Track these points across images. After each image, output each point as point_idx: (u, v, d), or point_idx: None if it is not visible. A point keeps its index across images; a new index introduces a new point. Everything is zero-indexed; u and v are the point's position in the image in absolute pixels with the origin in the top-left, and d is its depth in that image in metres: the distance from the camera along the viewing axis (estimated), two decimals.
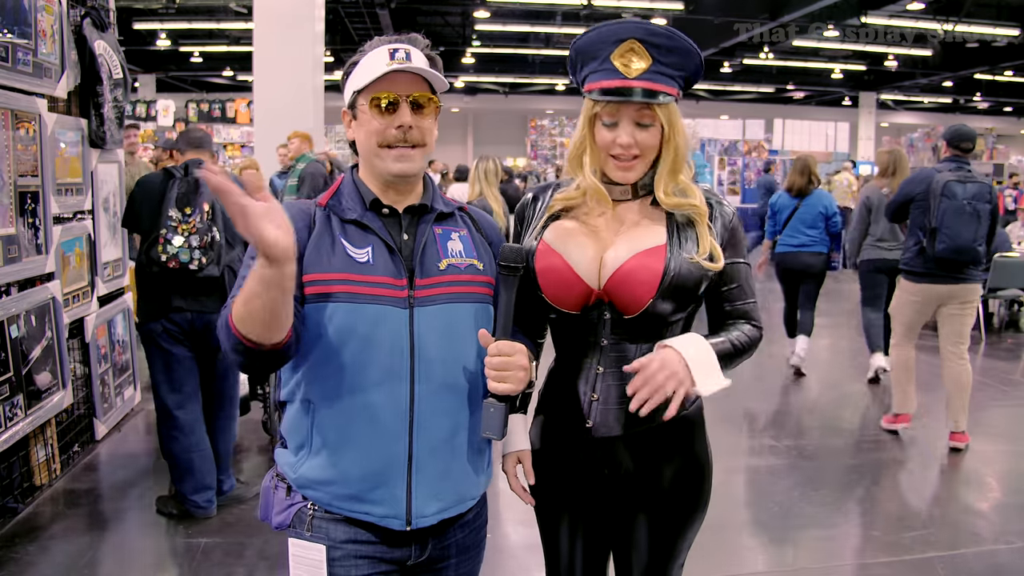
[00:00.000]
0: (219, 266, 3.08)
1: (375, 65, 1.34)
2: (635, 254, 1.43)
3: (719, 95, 24.43)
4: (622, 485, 1.53)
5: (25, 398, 3.18)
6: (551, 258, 1.48)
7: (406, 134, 1.34)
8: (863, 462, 4.04)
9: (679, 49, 1.44)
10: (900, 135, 20.55)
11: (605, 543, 1.63)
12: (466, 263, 1.40)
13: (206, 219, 3.07)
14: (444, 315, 1.35)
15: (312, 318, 1.31)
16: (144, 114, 13.37)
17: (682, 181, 1.48)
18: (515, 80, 23.54)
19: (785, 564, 3.00)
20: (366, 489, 1.32)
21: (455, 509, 1.39)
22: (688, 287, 1.44)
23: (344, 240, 1.33)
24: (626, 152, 1.45)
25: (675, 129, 1.45)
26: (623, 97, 1.41)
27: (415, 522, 1.33)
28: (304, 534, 1.34)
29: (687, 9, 14.31)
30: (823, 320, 6.32)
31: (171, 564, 3.00)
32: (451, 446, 1.36)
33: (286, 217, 1.13)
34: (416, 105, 1.35)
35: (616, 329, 1.47)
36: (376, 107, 1.34)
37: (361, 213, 1.36)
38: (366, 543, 1.34)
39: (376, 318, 1.30)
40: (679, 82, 1.45)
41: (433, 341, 1.33)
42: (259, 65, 8.46)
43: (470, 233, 1.45)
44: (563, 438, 1.56)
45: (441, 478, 1.35)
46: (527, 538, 3.09)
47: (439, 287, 1.35)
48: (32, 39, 3.26)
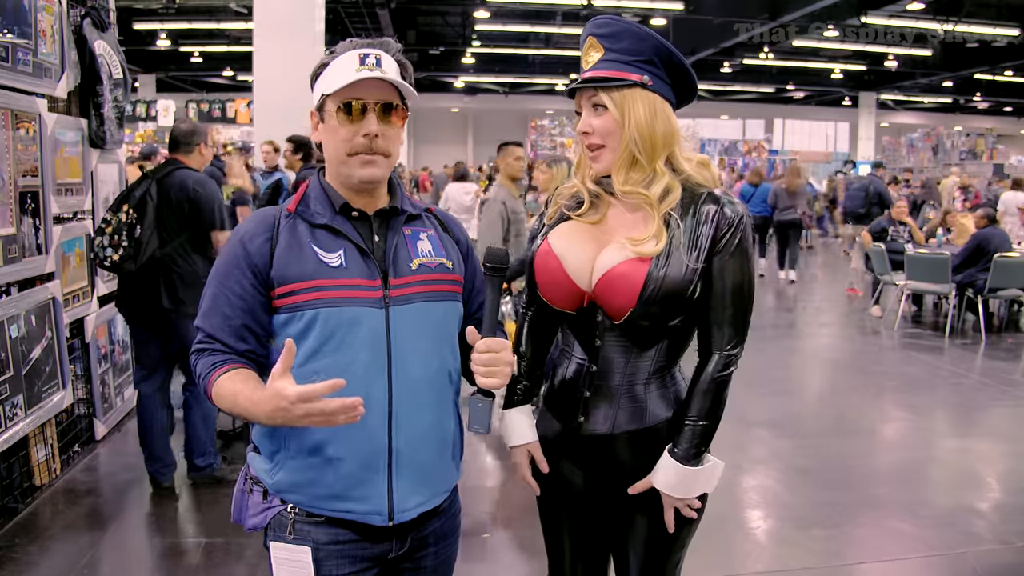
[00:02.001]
0: (136, 262, 3.32)
1: (345, 70, 1.33)
2: (623, 260, 1.42)
3: (719, 95, 24.43)
4: (620, 483, 1.53)
5: (25, 398, 3.18)
6: (548, 258, 1.50)
7: (372, 143, 1.34)
8: (863, 462, 4.04)
9: (624, 33, 1.44)
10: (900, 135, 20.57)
11: (605, 543, 1.64)
12: (436, 262, 1.41)
13: (125, 220, 3.30)
14: (418, 313, 1.37)
15: (287, 327, 1.32)
16: (144, 114, 13.40)
17: (659, 172, 1.44)
18: (515, 80, 23.56)
19: (785, 564, 3.00)
20: (347, 488, 1.33)
21: (433, 501, 1.42)
22: (674, 295, 1.40)
23: (315, 246, 1.34)
24: (589, 141, 1.47)
25: (627, 113, 1.43)
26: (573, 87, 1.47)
27: (397, 517, 1.35)
28: (287, 538, 1.35)
29: (687, 9, 14.29)
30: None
31: (171, 564, 3.00)
32: (428, 440, 1.39)
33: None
34: (384, 112, 1.35)
35: (610, 332, 1.48)
36: (344, 113, 1.33)
37: (331, 217, 1.36)
38: (348, 542, 1.36)
39: (353, 320, 1.31)
40: (640, 67, 1.44)
41: (409, 339, 1.35)
42: (259, 65, 8.46)
43: (437, 233, 1.47)
44: (559, 434, 1.58)
45: (420, 472, 1.38)
46: (529, 539, 3.09)
47: (412, 286, 1.37)
48: (32, 39, 3.26)
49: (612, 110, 1.43)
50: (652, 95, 1.44)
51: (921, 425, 4.63)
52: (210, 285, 1.35)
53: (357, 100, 1.33)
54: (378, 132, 1.34)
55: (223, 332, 1.32)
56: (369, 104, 1.34)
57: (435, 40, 19.39)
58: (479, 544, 3.08)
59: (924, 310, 8.33)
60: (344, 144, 1.34)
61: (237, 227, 1.41)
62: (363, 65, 1.33)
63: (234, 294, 1.32)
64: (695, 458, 1.46)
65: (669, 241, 1.41)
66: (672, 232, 1.42)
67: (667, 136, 1.45)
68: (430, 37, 19.24)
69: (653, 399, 1.50)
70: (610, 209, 1.51)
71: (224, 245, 1.39)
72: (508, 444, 1.64)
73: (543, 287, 1.51)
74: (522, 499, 3.42)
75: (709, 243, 1.42)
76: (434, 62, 20.63)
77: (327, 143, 1.39)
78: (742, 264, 1.44)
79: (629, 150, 1.43)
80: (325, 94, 1.36)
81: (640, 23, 1.54)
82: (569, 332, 1.56)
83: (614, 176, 1.46)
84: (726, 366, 1.46)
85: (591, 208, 1.52)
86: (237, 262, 1.33)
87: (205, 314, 1.35)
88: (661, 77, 1.46)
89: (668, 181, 1.44)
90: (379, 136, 1.34)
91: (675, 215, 1.43)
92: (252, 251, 1.33)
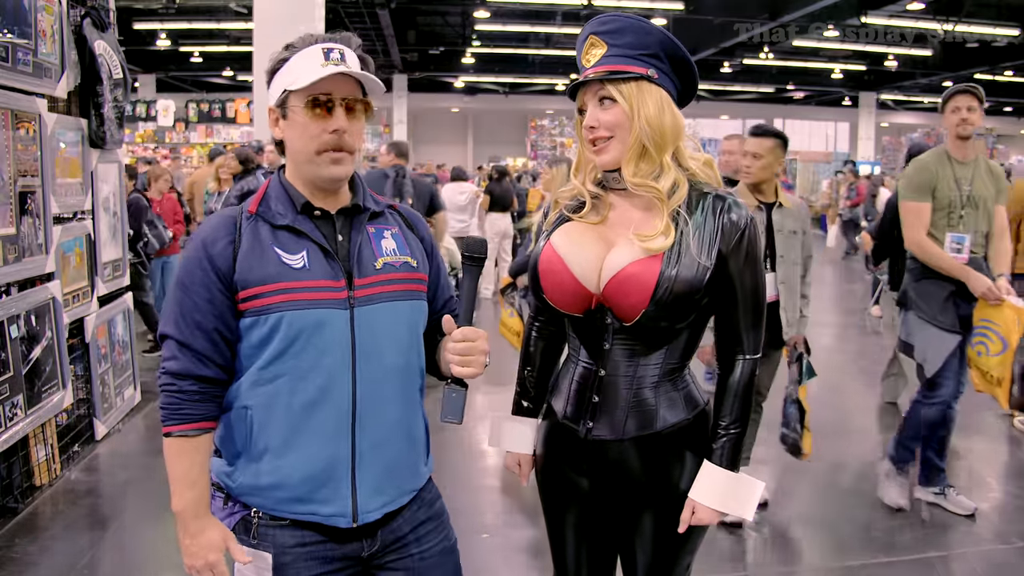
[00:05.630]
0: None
1: (310, 65, 1.31)
2: (633, 260, 1.39)
3: (719, 95, 24.43)
4: (628, 486, 1.51)
5: (25, 398, 3.18)
6: (552, 261, 1.47)
7: (340, 139, 1.32)
8: (863, 461, 4.04)
9: (628, 28, 1.44)
10: (900, 135, 20.57)
11: (612, 544, 1.62)
12: (401, 261, 1.40)
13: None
14: (383, 313, 1.36)
15: (252, 331, 1.31)
16: (144, 114, 13.37)
17: (666, 165, 1.43)
18: (515, 80, 23.54)
19: (786, 564, 3.00)
20: (311, 490, 1.32)
21: (400, 500, 1.41)
22: (686, 295, 1.38)
23: (276, 248, 1.31)
24: (596, 134, 1.44)
25: (636, 106, 1.41)
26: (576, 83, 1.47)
27: (361, 518, 1.35)
28: (250, 541, 1.34)
29: (687, 9, 14.31)
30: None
31: (171, 564, 3.00)
32: (393, 441, 1.38)
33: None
34: (349, 108, 1.33)
35: (619, 335, 1.45)
36: (311, 109, 1.31)
37: (293, 218, 1.34)
38: (314, 544, 1.35)
39: (318, 322, 1.30)
40: (646, 61, 1.43)
41: (373, 340, 1.34)
42: (259, 65, 8.48)
43: (402, 231, 1.46)
44: (565, 439, 1.56)
45: (384, 474, 1.37)
46: (530, 539, 3.09)
47: (377, 286, 1.36)
48: (32, 39, 3.26)
49: (621, 102, 1.42)
50: (658, 88, 1.43)
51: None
52: (175, 291, 1.32)
53: (324, 95, 1.31)
54: (346, 128, 1.32)
55: (195, 339, 1.30)
56: (336, 100, 1.32)
57: (435, 40, 19.39)
58: (479, 544, 3.07)
59: None
60: (312, 141, 1.32)
61: (198, 230, 1.37)
62: (328, 60, 1.31)
63: (201, 299, 1.29)
64: (734, 465, 1.46)
65: (679, 239, 1.39)
66: (680, 229, 1.40)
67: (674, 129, 1.44)
68: (430, 37, 19.23)
69: (663, 403, 1.47)
70: (612, 211, 1.49)
71: (185, 250, 1.38)
72: (503, 447, 1.67)
73: (548, 290, 1.48)
74: (523, 500, 3.42)
75: (718, 242, 1.40)
76: (434, 62, 20.63)
77: (291, 140, 1.36)
78: (756, 268, 1.44)
79: (640, 141, 1.42)
80: (289, 90, 1.33)
81: None
82: (575, 336, 1.54)
83: (624, 168, 1.44)
84: (753, 370, 1.47)
85: (592, 210, 1.50)
86: (201, 266, 1.30)
87: (174, 321, 1.31)
88: (665, 72, 1.45)
89: (676, 176, 1.43)
90: (346, 132, 1.33)
91: (683, 212, 1.42)
92: (215, 255, 1.30)
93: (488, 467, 3.90)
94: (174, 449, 1.31)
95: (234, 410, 1.34)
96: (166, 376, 1.32)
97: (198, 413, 1.31)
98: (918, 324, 3.26)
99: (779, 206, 3.18)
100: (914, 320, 3.28)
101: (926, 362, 3.25)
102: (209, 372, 1.31)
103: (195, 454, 1.32)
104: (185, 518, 1.31)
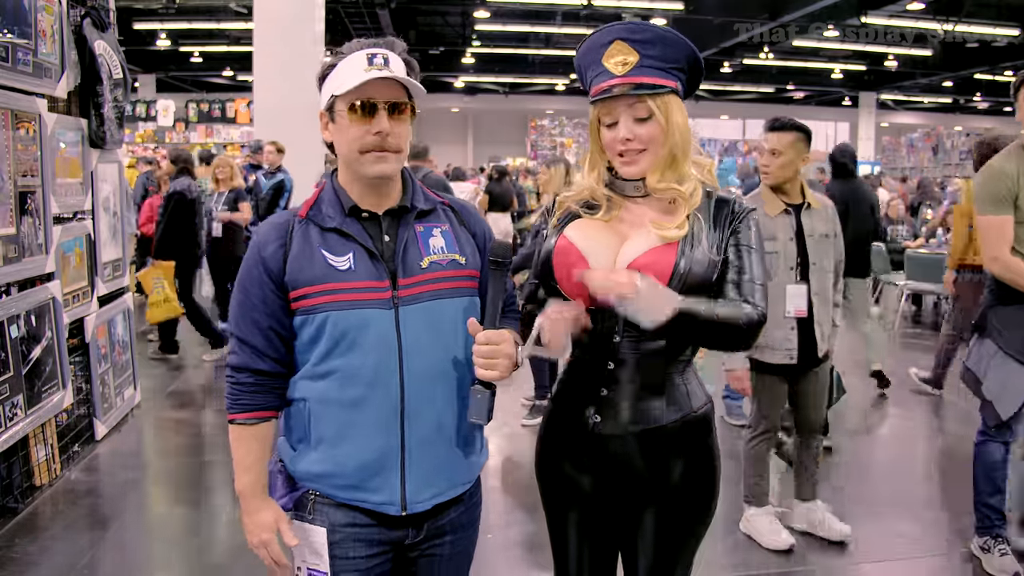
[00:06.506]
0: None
1: (354, 70, 1.36)
2: (649, 249, 1.43)
3: (719, 95, 24.44)
4: (630, 482, 1.52)
5: (25, 398, 3.18)
6: (568, 251, 1.49)
7: (384, 140, 1.37)
8: (863, 461, 4.04)
9: (663, 39, 1.45)
10: (900, 135, 20.58)
11: (613, 542, 1.62)
12: (448, 259, 1.44)
13: None
14: (429, 311, 1.40)
15: (303, 329, 1.39)
16: (144, 114, 13.37)
17: (687, 173, 1.48)
18: (515, 80, 23.57)
19: (786, 564, 3.00)
20: (363, 479, 1.39)
21: (449, 494, 1.45)
22: (700, 283, 1.42)
23: (324, 251, 1.38)
24: (629, 147, 1.46)
25: (672, 121, 1.45)
26: (611, 93, 1.45)
27: (410, 507, 1.40)
28: (306, 517, 1.42)
29: (687, 9, 14.33)
30: None
31: (171, 563, 3.00)
32: (441, 436, 1.42)
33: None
34: (393, 111, 1.38)
35: (629, 327, 1.45)
36: (354, 113, 1.36)
37: (341, 221, 1.40)
38: (364, 526, 1.41)
39: (362, 321, 1.36)
40: (675, 74, 1.46)
41: (419, 337, 1.38)
42: (259, 65, 8.46)
43: (452, 227, 1.48)
44: (571, 431, 1.56)
45: (433, 467, 1.41)
46: (530, 538, 3.09)
47: (422, 285, 1.40)
48: (32, 39, 3.26)
49: (658, 117, 1.45)
50: (679, 99, 1.48)
51: (921, 424, 4.63)
52: (237, 291, 1.43)
53: (367, 99, 1.36)
54: (389, 130, 1.37)
55: (253, 336, 1.40)
56: (379, 103, 1.36)
57: (435, 40, 19.40)
58: (481, 543, 3.07)
59: (924, 310, 8.33)
60: (356, 142, 1.37)
61: (254, 234, 1.47)
62: (371, 65, 1.36)
63: (257, 299, 1.40)
64: (678, 305, 1.36)
65: (692, 232, 1.44)
66: (693, 225, 1.45)
67: (691, 137, 1.50)
68: (430, 37, 19.24)
69: (668, 398, 1.49)
70: (625, 211, 1.52)
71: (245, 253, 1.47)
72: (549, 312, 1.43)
73: (562, 279, 1.50)
74: (524, 499, 3.42)
75: (726, 235, 1.46)
76: (434, 62, 20.63)
77: (339, 143, 1.41)
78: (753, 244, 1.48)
79: (672, 153, 1.46)
80: (335, 95, 1.38)
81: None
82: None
83: (650, 176, 1.47)
84: (749, 317, 1.41)
85: (605, 210, 1.52)
86: (256, 268, 1.40)
87: (235, 319, 1.43)
88: (684, 80, 1.49)
89: (696, 182, 1.48)
90: (390, 134, 1.37)
91: (699, 214, 1.47)
92: (267, 257, 1.39)
93: (488, 466, 3.89)
94: (234, 435, 1.44)
95: (295, 402, 1.43)
96: (229, 369, 1.44)
97: (255, 403, 1.42)
98: (996, 357, 2.73)
99: (807, 207, 2.93)
100: (991, 351, 2.74)
101: (999, 402, 2.73)
102: (264, 366, 1.41)
103: (252, 441, 1.43)
104: (244, 498, 1.44)
